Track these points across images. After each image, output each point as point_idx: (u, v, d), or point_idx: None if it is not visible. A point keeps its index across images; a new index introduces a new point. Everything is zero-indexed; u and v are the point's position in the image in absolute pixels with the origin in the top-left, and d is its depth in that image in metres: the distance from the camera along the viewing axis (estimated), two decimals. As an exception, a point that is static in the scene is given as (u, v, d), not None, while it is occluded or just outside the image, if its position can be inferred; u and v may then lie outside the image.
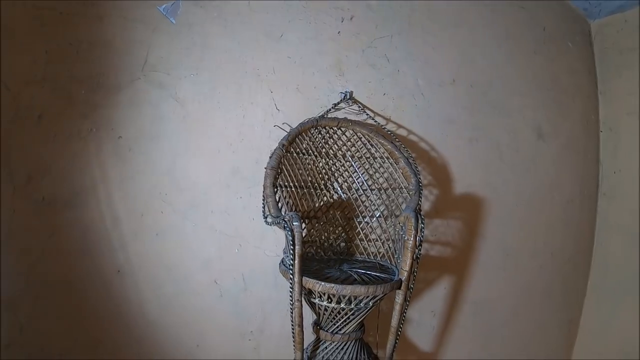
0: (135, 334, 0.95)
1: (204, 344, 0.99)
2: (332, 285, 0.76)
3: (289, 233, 0.75)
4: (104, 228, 0.89)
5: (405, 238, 0.82)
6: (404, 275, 0.83)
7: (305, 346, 0.87)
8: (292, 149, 0.92)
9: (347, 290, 0.77)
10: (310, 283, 0.77)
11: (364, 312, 0.83)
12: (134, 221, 0.91)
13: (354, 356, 0.88)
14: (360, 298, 0.79)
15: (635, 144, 1.39)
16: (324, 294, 0.78)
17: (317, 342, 0.91)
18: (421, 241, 0.82)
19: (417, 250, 0.82)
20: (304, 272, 0.78)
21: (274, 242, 0.97)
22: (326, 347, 0.88)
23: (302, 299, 0.79)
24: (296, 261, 0.75)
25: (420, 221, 0.81)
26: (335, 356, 0.88)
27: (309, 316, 0.90)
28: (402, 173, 0.95)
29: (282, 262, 0.89)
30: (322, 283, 0.77)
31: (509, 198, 1.26)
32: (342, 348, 0.88)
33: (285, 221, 0.76)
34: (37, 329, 0.89)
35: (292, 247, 0.75)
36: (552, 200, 1.35)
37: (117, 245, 0.90)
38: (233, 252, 0.97)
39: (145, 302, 0.94)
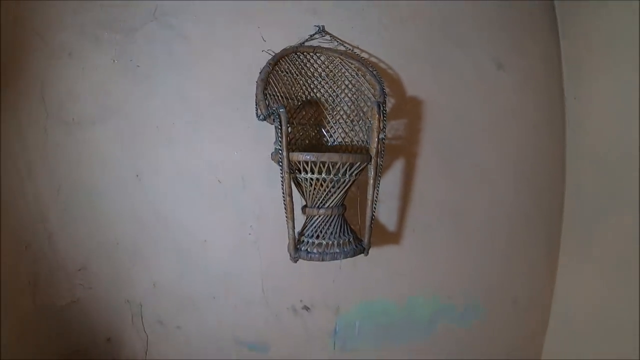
0: (151, 233, 1.29)
1: (211, 239, 1.34)
2: (312, 154, 1.10)
3: (277, 118, 1.11)
4: (124, 140, 1.26)
5: (372, 123, 1.18)
6: (373, 152, 1.18)
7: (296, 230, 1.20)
8: (277, 69, 1.28)
9: (325, 157, 1.11)
10: (294, 156, 1.10)
11: (343, 184, 1.17)
12: (150, 133, 1.26)
13: (338, 228, 1.21)
14: (338, 166, 1.12)
15: (598, 76, 1.74)
16: (307, 165, 1.13)
17: (306, 222, 1.25)
18: (384, 126, 1.16)
19: (381, 132, 1.17)
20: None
21: (266, 147, 1.32)
22: (314, 222, 1.22)
23: (289, 174, 1.13)
24: (283, 139, 1.08)
25: (382, 109, 1.17)
26: (321, 228, 1.21)
27: (298, 202, 1.24)
28: (369, 84, 1.32)
29: (273, 152, 1.24)
30: (304, 154, 1.11)
31: (474, 122, 1.61)
32: (327, 221, 1.21)
33: (273, 110, 1.12)
34: (65, 235, 1.23)
35: (279, 127, 1.10)
36: (517, 125, 1.68)
37: (135, 154, 1.27)
38: (233, 156, 1.33)
39: (159, 203, 1.29)
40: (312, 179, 1.11)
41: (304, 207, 1.22)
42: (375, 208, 1.21)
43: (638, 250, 1.55)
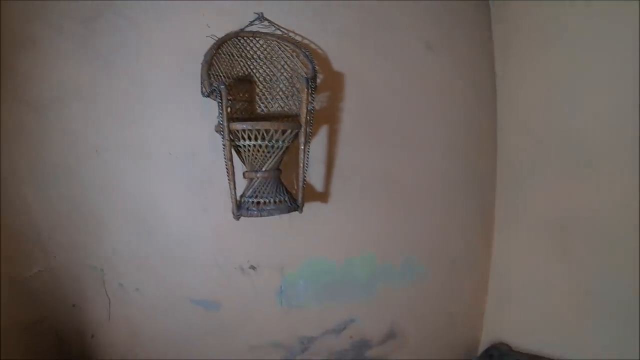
0: (111, 202, 1.48)
1: (165, 206, 1.54)
2: (248, 123, 1.32)
3: (219, 95, 1.34)
4: (85, 119, 1.48)
5: (302, 96, 1.43)
6: (302, 121, 1.43)
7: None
8: (220, 52, 1.52)
9: (259, 125, 1.34)
10: (233, 126, 1.32)
11: (277, 150, 1.41)
12: (109, 113, 1.45)
13: (274, 189, 1.44)
14: (271, 133, 1.36)
15: (526, 56, 1.98)
16: (245, 133, 1.37)
17: (247, 185, 1.49)
18: (313, 99, 1.39)
19: (309, 104, 1.41)
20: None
21: (211, 121, 1.54)
22: (253, 185, 1.45)
23: (230, 142, 1.36)
24: (224, 112, 1.28)
25: (310, 84, 1.41)
26: (260, 189, 1.44)
27: (241, 169, 1.47)
28: (302, 64, 1.56)
29: (216, 124, 1.47)
30: (241, 123, 1.33)
31: (404, 97, 1.84)
32: (265, 183, 1.43)
33: (215, 87, 1.36)
34: (30, 208, 1.40)
35: (220, 102, 1.33)
36: (448, 101, 1.93)
37: (95, 131, 1.49)
38: (183, 130, 1.57)
39: (118, 176, 1.47)
40: (249, 145, 1.35)
41: (244, 172, 1.45)
42: (306, 171, 1.44)
43: (564, 212, 1.82)
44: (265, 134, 1.30)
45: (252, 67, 1.53)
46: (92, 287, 1.51)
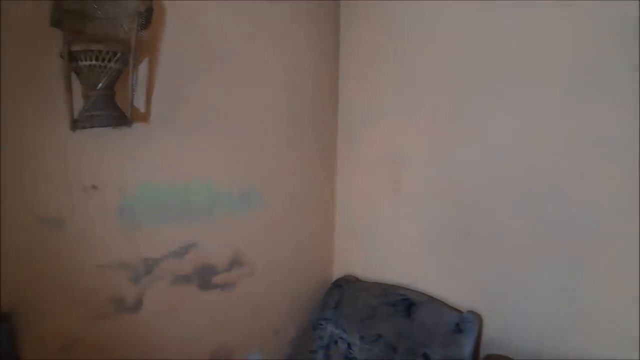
0: None
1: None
2: (82, 44, 1.65)
3: (62, 24, 1.62)
4: None
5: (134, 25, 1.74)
6: (132, 46, 1.75)
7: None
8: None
9: (93, 46, 1.66)
10: (73, 47, 1.65)
11: (110, 70, 1.70)
12: None
13: (108, 105, 1.69)
14: (103, 54, 1.67)
15: (366, 13, 2.41)
16: (81, 54, 1.66)
17: (84, 103, 1.78)
18: (143, 29, 1.68)
19: (139, 32, 1.71)
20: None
21: None
22: (89, 102, 1.71)
23: (69, 63, 1.64)
24: (65, 37, 1.60)
25: (141, 16, 1.72)
26: (95, 105, 1.69)
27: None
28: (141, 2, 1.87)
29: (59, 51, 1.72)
30: (78, 44, 1.65)
31: (245, 46, 2.12)
32: (99, 100, 1.71)
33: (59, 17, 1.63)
34: None
35: (63, 29, 1.62)
36: (288, 49, 2.26)
37: None
38: None
39: None
40: (86, 65, 1.63)
41: (82, 92, 1.72)
42: (134, 90, 1.75)
43: (396, 150, 2.30)
44: (98, 55, 1.60)
45: (96, 7, 1.72)
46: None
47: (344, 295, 2.46)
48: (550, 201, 1.92)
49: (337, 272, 2.68)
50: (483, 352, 2.15)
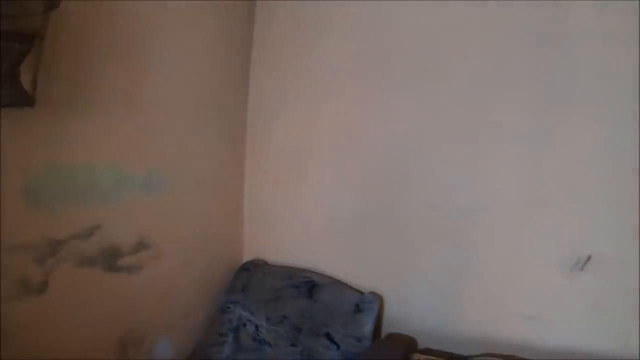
0: None
1: None
2: None
3: None
4: None
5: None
6: (37, 25, 1.79)
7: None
8: None
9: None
10: None
11: (14, 51, 1.76)
12: None
13: (13, 84, 1.80)
14: (6, 34, 1.72)
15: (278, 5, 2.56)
16: None
17: None
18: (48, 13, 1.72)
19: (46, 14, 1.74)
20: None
21: None
22: None
23: None
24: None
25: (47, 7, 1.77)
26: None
27: None
28: None
29: None
30: None
31: (155, 27, 2.19)
32: (2, 81, 1.79)
33: None
34: None
35: None
36: (196, 39, 2.39)
37: None
38: None
39: None
40: None
41: None
42: (39, 70, 1.77)
43: (302, 139, 2.49)
44: (2, 34, 1.64)
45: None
46: None
47: (252, 279, 2.60)
48: (449, 188, 2.20)
49: (247, 257, 2.82)
50: (385, 332, 2.35)
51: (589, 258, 2.06)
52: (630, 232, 1.99)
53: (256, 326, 2.49)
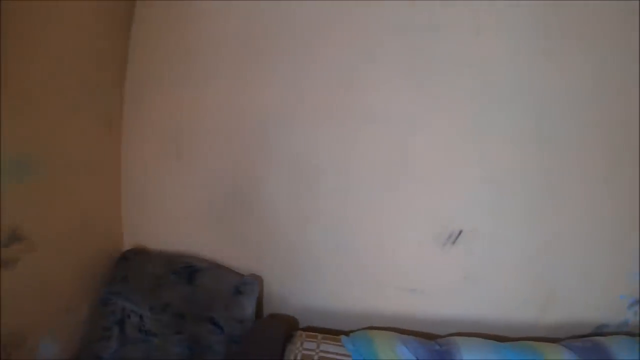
0: None
1: None
2: None
3: None
4: None
5: None
6: None
7: None
8: None
9: None
10: None
11: None
12: None
13: None
14: None
15: None
16: None
17: None
18: None
19: None
20: None
21: None
22: None
23: None
24: None
25: None
26: None
27: None
28: None
29: None
30: None
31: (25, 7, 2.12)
32: None
33: None
34: None
35: None
36: (72, 15, 2.31)
37: None
38: None
39: None
40: None
41: None
42: None
43: (180, 121, 2.53)
44: None
45: None
46: None
47: (132, 268, 2.60)
48: (320, 168, 2.41)
49: (128, 245, 2.79)
50: (267, 312, 2.51)
51: (460, 233, 2.25)
52: (498, 208, 2.21)
53: (140, 317, 2.47)
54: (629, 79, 2.28)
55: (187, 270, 2.50)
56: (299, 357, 2.20)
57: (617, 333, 2.44)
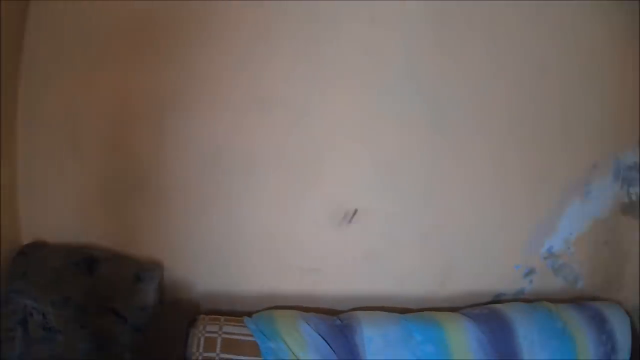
0: None
1: None
2: None
3: None
4: None
5: None
6: None
7: None
8: None
9: None
10: None
11: None
12: None
13: None
14: None
15: None
16: None
17: None
18: None
19: None
20: None
21: None
22: None
23: None
24: None
25: None
26: None
27: None
28: None
29: None
30: None
31: None
32: None
33: None
34: None
35: None
36: None
37: None
38: None
39: None
40: None
41: None
42: None
43: (75, 112, 2.43)
44: None
45: None
46: None
47: (31, 263, 2.50)
48: (216, 152, 2.48)
49: (27, 239, 2.67)
50: (170, 298, 2.52)
51: (355, 212, 2.36)
52: (393, 189, 2.34)
53: (43, 314, 2.38)
54: (520, 69, 2.61)
55: (87, 261, 2.45)
56: (202, 341, 2.22)
57: (514, 300, 2.61)
